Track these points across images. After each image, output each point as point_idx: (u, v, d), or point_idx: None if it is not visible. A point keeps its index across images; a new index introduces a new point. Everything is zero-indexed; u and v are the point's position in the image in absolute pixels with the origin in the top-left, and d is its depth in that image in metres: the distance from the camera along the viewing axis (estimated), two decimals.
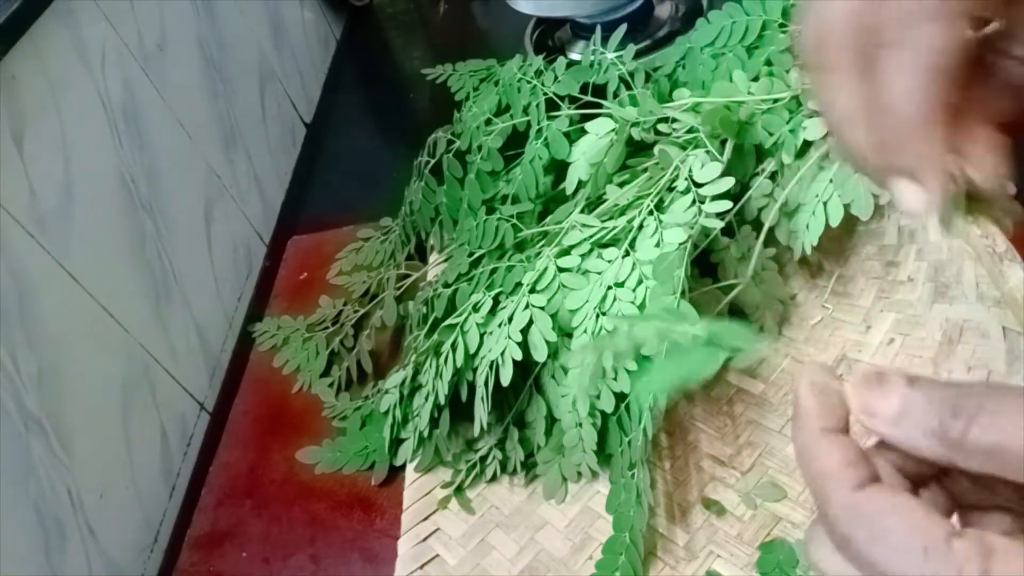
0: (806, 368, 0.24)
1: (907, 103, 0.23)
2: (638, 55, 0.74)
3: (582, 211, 0.63)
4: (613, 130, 0.63)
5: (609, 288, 0.56)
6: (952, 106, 0.23)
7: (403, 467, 0.65)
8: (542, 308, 0.56)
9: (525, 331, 0.56)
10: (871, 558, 0.22)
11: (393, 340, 0.77)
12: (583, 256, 0.59)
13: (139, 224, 0.75)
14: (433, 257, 0.80)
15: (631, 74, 0.70)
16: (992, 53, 0.25)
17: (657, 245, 0.55)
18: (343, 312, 0.80)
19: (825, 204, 0.56)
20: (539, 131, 0.69)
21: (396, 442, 0.65)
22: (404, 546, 0.60)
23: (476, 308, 0.60)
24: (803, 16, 0.26)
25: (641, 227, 0.57)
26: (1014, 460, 0.21)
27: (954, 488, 0.25)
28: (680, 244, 0.54)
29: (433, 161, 0.77)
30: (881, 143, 0.24)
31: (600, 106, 0.68)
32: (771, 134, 0.59)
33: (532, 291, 0.58)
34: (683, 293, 0.52)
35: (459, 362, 0.57)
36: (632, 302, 0.54)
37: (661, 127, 0.63)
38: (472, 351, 0.58)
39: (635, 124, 0.63)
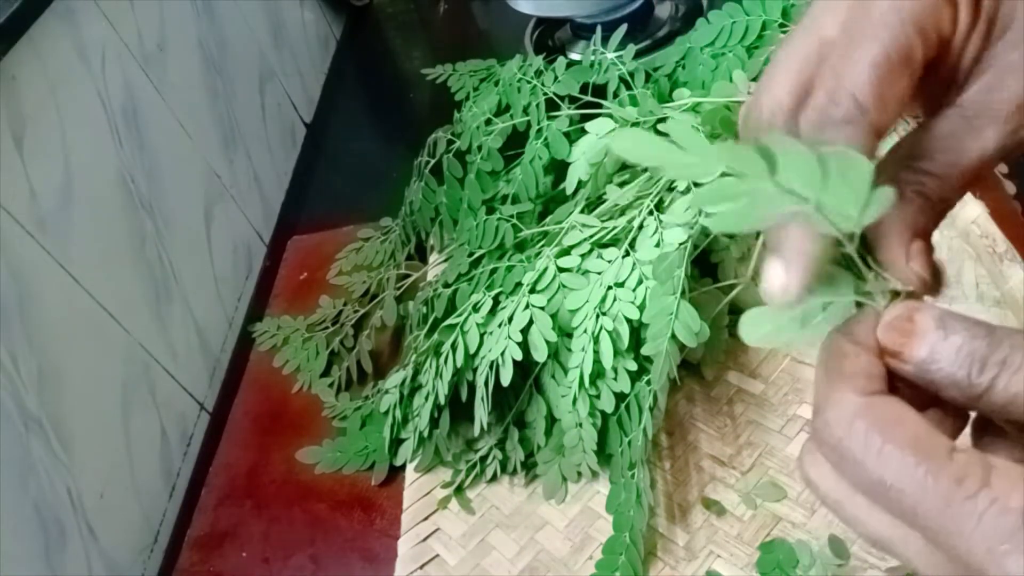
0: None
1: None
2: (638, 55, 0.74)
3: (582, 211, 0.63)
4: (613, 130, 0.63)
5: (609, 288, 0.56)
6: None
7: (403, 467, 0.65)
8: (542, 308, 0.56)
9: (525, 331, 0.56)
10: (866, 466, 0.22)
11: (393, 340, 0.77)
12: (583, 256, 0.59)
13: (139, 224, 0.75)
14: (433, 257, 0.80)
15: (631, 74, 0.70)
16: (905, 170, 0.27)
17: (657, 245, 0.55)
18: (343, 312, 0.80)
19: None
20: (539, 131, 0.69)
21: (396, 442, 0.65)
22: (404, 546, 0.60)
23: (476, 308, 0.60)
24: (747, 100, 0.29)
25: (641, 227, 0.57)
26: None
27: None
28: (680, 244, 0.54)
29: (433, 161, 0.77)
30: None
31: (600, 106, 0.68)
32: None
33: (532, 291, 0.58)
34: (683, 293, 0.52)
35: (459, 362, 0.57)
36: (632, 302, 0.54)
37: (661, 127, 0.63)
38: (472, 351, 0.58)
39: (635, 124, 0.63)
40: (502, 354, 0.56)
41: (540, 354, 0.56)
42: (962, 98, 0.27)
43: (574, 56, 0.98)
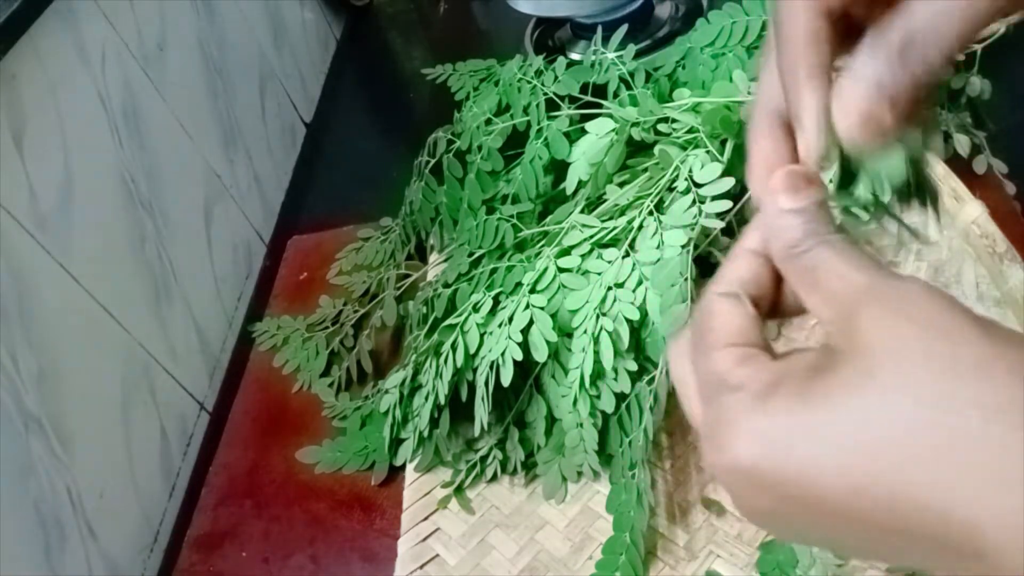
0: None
1: (781, 59, 0.28)
2: (638, 55, 0.74)
3: (582, 211, 0.63)
4: (613, 130, 0.63)
5: (609, 288, 0.56)
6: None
7: (403, 467, 0.65)
8: (542, 308, 0.56)
9: (525, 331, 0.56)
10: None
11: (393, 340, 0.77)
12: (583, 256, 0.59)
13: (139, 224, 0.75)
14: (433, 257, 0.80)
15: (631, 74, 0.70)
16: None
17: (658, 246, 0.55)
18: (343, 312, 0.80)
19: None
20: (539, 131, 0.69)
21: (396, 442, 0.65)
22: (404, 546, 0.60)
23: (476, 308, 0.60)
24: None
25: (641, 227, 0.57)
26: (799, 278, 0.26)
27: None
28: (682, 247, 0.54)
29: (433, 161, 0.77)
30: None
31: (600, 106, 0.68)
32: None
33: (532, 291, 0.58)
34: (692, 299, 0.52)
35: (459, 362, 0.57)
36: (632, 303, 0.54)
37: (661, 127, 0.63)
38: (472, 351, 0.58)
39: (635, 124, 0.63)
40: (502, 354, 0.55)
41: (540, 354, 0.56)
42: None
43: (574, 56, 0.98)
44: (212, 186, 0.89)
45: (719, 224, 0.55)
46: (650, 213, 0.57)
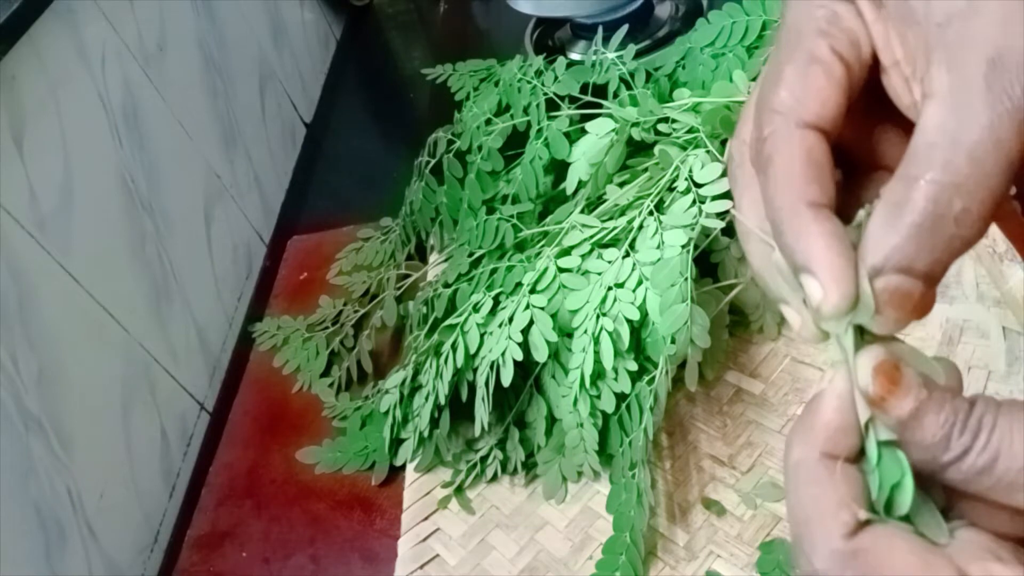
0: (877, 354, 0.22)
1: (776, 197, 0.23)
2: (638, 55, 0.74)
3: (582, 211, 0.63)
4: (613, 130, 0.63)
5: (609, 289, 0.56)
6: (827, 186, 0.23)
7: (403, 467, 0.65)
8: (542, 308, 0.56)
9: (525, 331, 0.56)
10: None
11: (393, 340, 0.77)
12: (583, 256, 0.59)
13: (139, 224, 0.75)
14: (433, 257, 0.80)
15: (631, 74, 0.70)
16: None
17: (658, 246, 0.55)
18: (343, 312, 0.80)
19: None
20: (539, 131, 0.69)
21: (396, 442, 0.65)
22: (404, 546, 0.60)
23: (476, 308, 0.60)
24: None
25: (641, 227, 0.57)
26: (998, 481, 0.21)
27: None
28: (682, 247, 0.54)
29: (433, 161, 0.77)
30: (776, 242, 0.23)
31: (600, 106, 0.68)
32: None
33: (532, 291, 0.58)
34: (692, 299, 0.52)
35: (459, 362, 0.57)
36: (632, 303, 0.54)
37: (661, 127, 0.63)
38: (472, 351, 0.58)
39: (635, 124, 0.63)
40: (502, 354, 0.56)
41: (540, 354, 0.56)
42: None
43: (574, 56, 0.98)
44: (212, 186, 0.89)
45: (719, 224, 0.55)
46: (650, 213, 0.57)
